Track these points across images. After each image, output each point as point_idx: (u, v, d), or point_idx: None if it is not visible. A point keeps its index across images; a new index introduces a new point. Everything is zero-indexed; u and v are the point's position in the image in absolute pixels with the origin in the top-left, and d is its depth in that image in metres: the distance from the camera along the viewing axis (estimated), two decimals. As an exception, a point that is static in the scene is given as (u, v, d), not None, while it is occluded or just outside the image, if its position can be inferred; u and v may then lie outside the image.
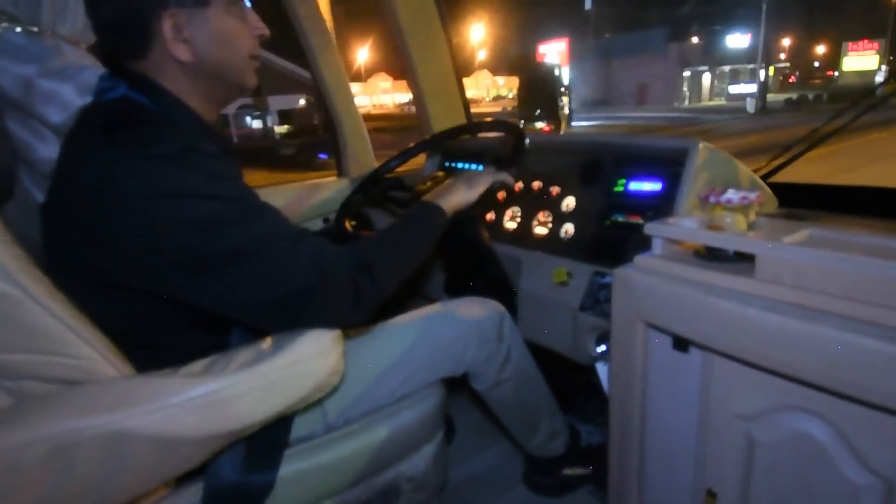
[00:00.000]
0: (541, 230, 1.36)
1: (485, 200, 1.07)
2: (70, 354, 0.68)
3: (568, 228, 1.30)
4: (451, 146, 1.71)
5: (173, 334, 0.83)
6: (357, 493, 0.94)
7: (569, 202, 1.32)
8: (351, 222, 1.39)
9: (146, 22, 0.76)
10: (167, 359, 0.79)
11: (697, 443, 0.83)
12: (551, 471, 1.35)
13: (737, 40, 32.71)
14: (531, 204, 1.41)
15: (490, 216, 1.50)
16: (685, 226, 0.82)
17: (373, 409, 0.97)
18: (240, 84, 0.87)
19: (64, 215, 0.75)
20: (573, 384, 1.52)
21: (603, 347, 1.16)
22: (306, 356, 0.74)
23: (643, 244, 0.88)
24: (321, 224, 1.78)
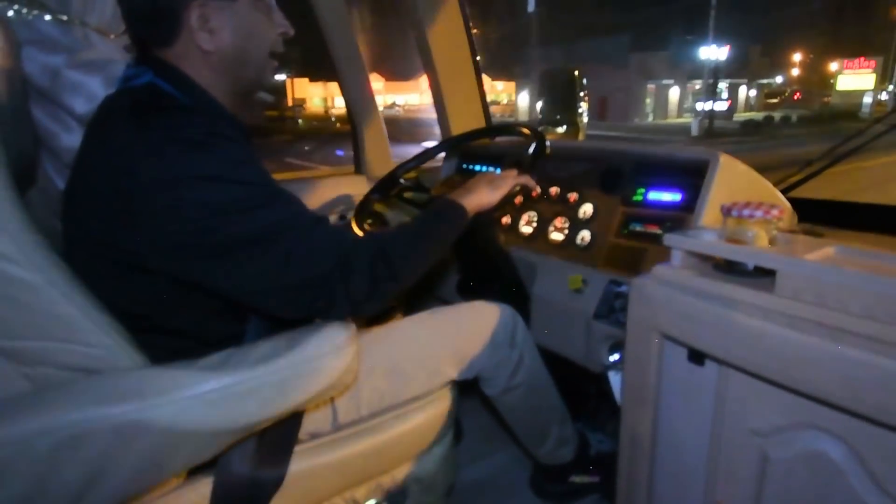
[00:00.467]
0: (557, 236, 1.36)
1: (502, 203, 1.07)
2: (88, 343, 0.69)
3: (584, 235, 1.29)
4: (470, 148, 1.71)
5: (191, 321, 0.84)
6: (365, 493, 0.95)
7: (586, 209, 1.32)
8: (367, 220, 1.40)
9: (175, 11, 0.78)
10: (184, 346, 0.80)
11: (709, 457, 0.83)
12: (559, 478, 1.34)
13: (712, 53, 28.24)
14: (548, 209, 1.40)
15: (506, 219, 1.50)
16: (705, 238, 0.81)
17: (383, 409, 0.97)
18: (258, 79, 0.89)
19: (87, 199, 0.77)
20: (584, 392, 1.52)
21: (616, 356, 1.15)
22: (321, 353, 0.75)
23: (660, 254, 0.87)
24: (337, 220, 1.79)
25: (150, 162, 0.70)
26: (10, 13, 1.03)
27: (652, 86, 30.95)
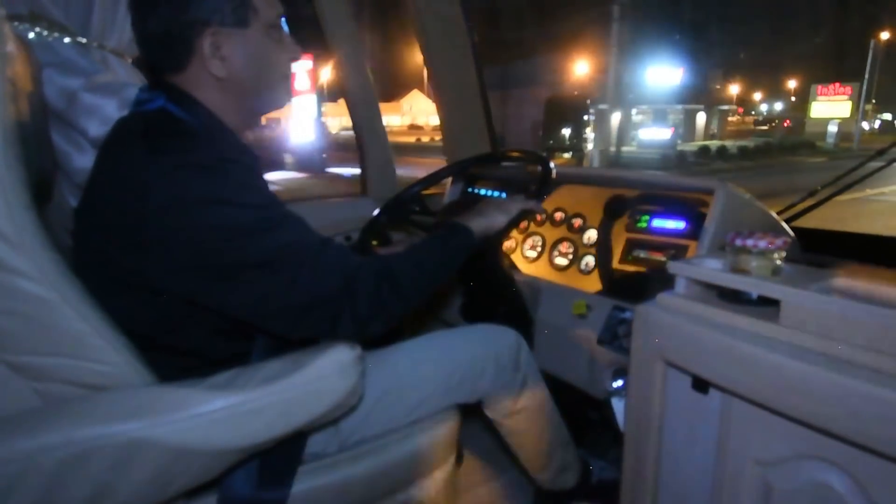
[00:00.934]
0: (561, 261, 1.37)
1: (509, 228, 1.08)
2: (98, 360, 0.69)
3: (589, 261, 1.30)
4: (475, 173, 1.73)
5: (197, 340, 0.84)
6: (367, 515, 0.94)
7: (591, 235, 1.33)
8: (373, 243, 1.41)
9: (187, 38, 0.80)
10: (191, 365, 0.81)
11: (713, 486, 0.82)
12: (560, 504, 1.33)
13: (662, 76, 26.11)
14: (553, 234, 1.41)
15: (511, 244, 1.51)
16: (710, 266, 0.82)
17: (386, 431, 0.97)
18: (270, 102, 0.91)
19: (98, 219, 0.78)
20: (587, 418, 1.51)
21: (619, 383, 1.15)
22: (327, 374, 0.75)
23: (664, 282, 0.88)
24: (342, 241, 1.80)
25: (161, 185, 0.71)
26: (31, 35, 1.06)
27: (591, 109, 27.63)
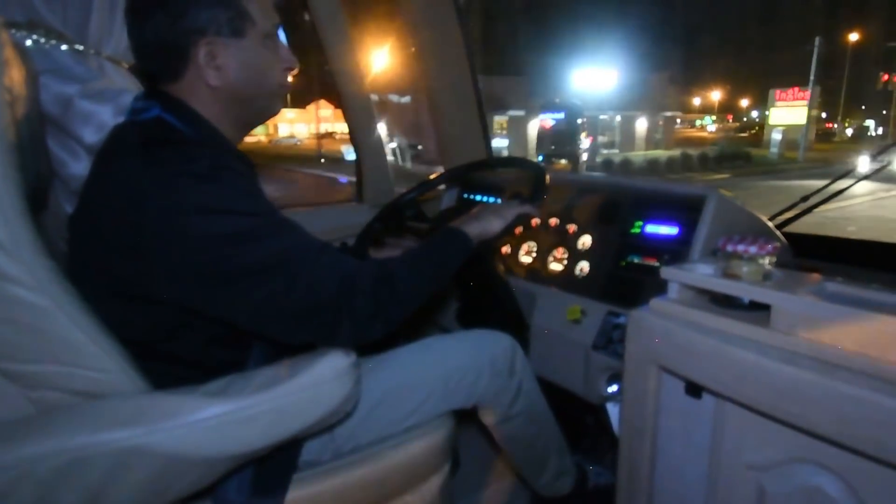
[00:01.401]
0: (556, 266, 1.37)
1: (504, 234, 1.08)
2: (93, 367, 0.69)
3: (583, 266, 1.31)
4: (471, 179, 1.74)
5: (193, 347, 0.84)
6: (361, 522, 0.94)
7: (585, 240, 1.34)
8: (369, 249, 1.41)
9: (183, 47, 0.80)
10: (186, 372, 0.81)
11: (707, 490, 0.83)
12: (556, 510, 1.33)
13: (593, 79, 22.98)
14: (547, 240, 1.42)
15: (506, 249, 1.51)
16: (702, 272, 0.83)
17: (381, 437, 0.97)
18: (265, 111, 0.91)
19: (93, 228, 0.78)
20: (582, 423, 1.51)
21: (614, 388, 1.16)
22: (322, 381, 0.75)
23: (658, 286, 0.89)
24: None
25: (158, 194, 0.71)
26: (29, 42, 1.06)
27: (503, 118, 24.09)
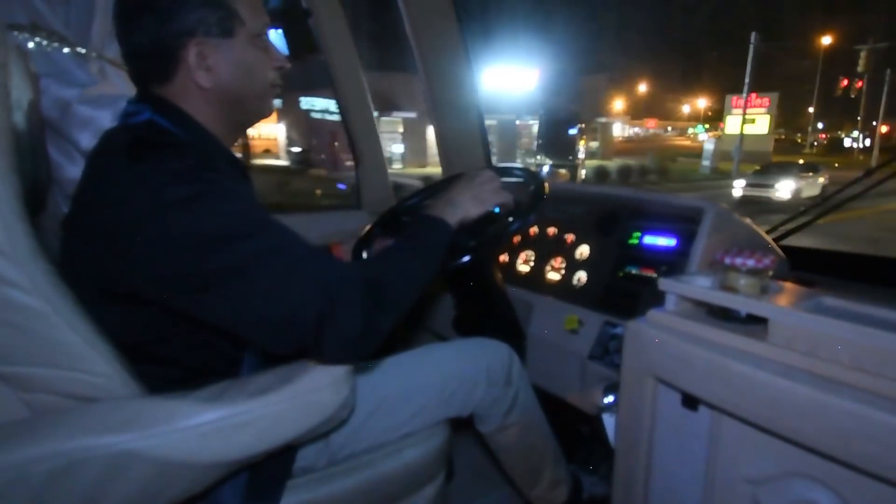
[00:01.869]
0: (553, 276, 1.37)
1: (499, 242, 1.08)
2: (88, 371, 0.69)
3: (581, 276, 1.31)
4: None
5: (186, 351, 0.83)
6: (355, 530, 0.94)
7: (583, 250, 1.34)
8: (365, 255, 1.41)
9: (173, 49, 0.80)
10: (180, 376, 0.80)
11: (702, 503, 0.83)
12: (551, 521, 1.32)
13: (507, 79, 19.39)
14: (545, 249, 1.42)
15: (504, 258, 1.51)
16: (699, 284, 0.83)
17: (377, 445, 0.97)
18: (257, 112, 0.91)
19: (84, 230, 0.78)
20: (578, 433, 1.51)
21: (610, 398, 1.16)
22: (318, 387, 0.75)
23: (655, 298, 0.89)
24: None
25: (138, 192, 0.71)
26: (31, 45, 1.06)
27: (395, 119, 21.33)
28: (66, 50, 1.11)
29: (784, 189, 13.70)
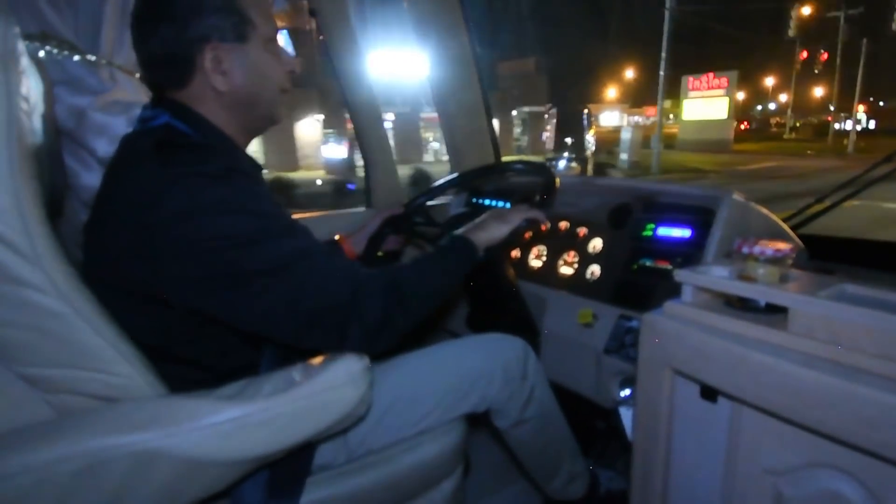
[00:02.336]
0: (566, 270, 1.37)
1: (512, 238, 1.08)
2: (111, 372, 0.70)
3: (594, 270, 1.30)
4: (480, 183, 1.74)
5: (206, 351, 0.85)
6: (374, 527, 0.94)
7: (596, 244, 1.33)
8: (378, 255, 1.42)
9: (189, 55, 0.82)
10: (200, 376, 0.82)
11: (723, 495, 0.82)
12: (568, 515, 1.32)
13: (397, 64, 14.11)
14: (558, 244, 1.42)
15: (516, 253, 1.51)
16: (716, 274, 0.82)
17: (394, 441, 0.97)
18: (269, 116, 0.93)
19: (109, 233, 0.79)
20: (594, 427, 1.51)
21: (627, 392, 1.15)
22: (336, 385, 0.75)
23: (671, 290, 0.88)
24: None
25: (173, 194, 0.72)
26: (42, 53, 1.07)
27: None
28: (77, 58, 1.12)
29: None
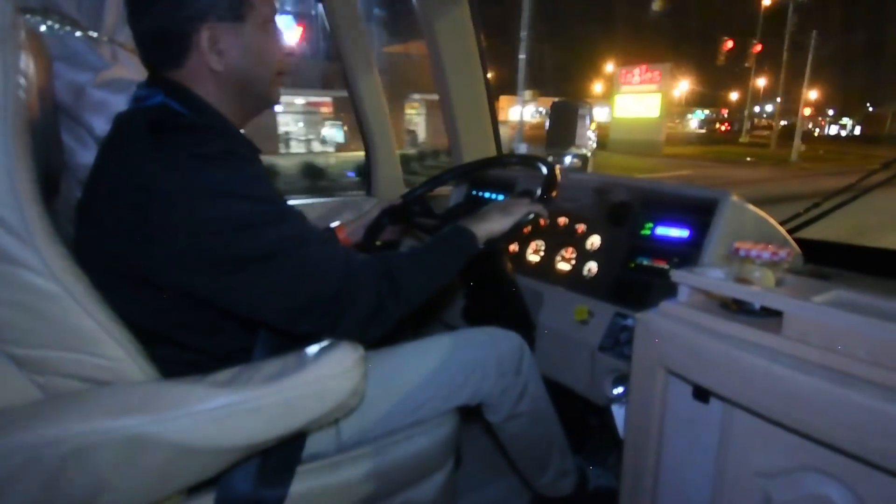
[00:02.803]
0: (564, 266, 1.37)
1: (512, 232, 1.08)
2: (101, 354, 0.69)
3: (591, 267, 1.30)
4: (479, 175, 1.73)
5: (199, 335, 0.85)
6: (364, 517, 0.94)
7: (594, 241, 1.33)
8: (377, 243, 1.41)
9: (185, 33, 0.81)
10: (193, 360, 0.81)
11: (712, 496, 0.82)
12: (557, 510, 1.33)
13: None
14: (556, 239, 1.41)
15: (514, 248, 1.51)
16: (713, 276, 0.82)
17: (387, 432, 0.97)
18: (265, 98, 0.92)
19: (101, 214, 0.78)
20: (587, 424, 1.51)
21: (620, 390, 1.15)
22: (330, 375, 0.75)
23: (667, 289, 0.88)
24: None
25: (168, 176, 0.71)
26: (43, 28, 1.06)
27: None
28: (79, 34, 1.10)
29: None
